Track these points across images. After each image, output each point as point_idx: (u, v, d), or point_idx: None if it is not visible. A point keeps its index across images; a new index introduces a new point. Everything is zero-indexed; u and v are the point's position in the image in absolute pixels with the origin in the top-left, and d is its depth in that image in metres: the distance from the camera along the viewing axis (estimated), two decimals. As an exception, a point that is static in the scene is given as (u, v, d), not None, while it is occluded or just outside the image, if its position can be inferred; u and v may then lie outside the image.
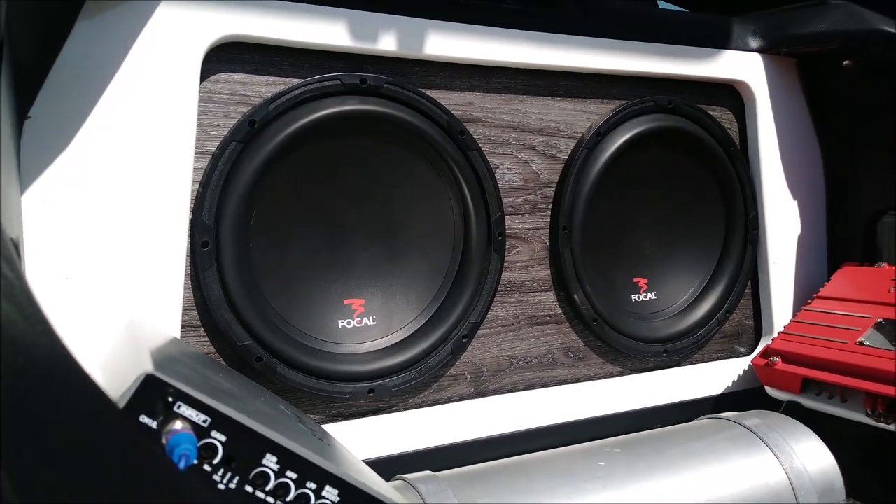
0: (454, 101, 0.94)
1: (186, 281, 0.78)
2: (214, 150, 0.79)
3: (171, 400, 0.40)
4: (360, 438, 0.85)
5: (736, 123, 1.16)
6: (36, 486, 0.26)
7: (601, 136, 1.02)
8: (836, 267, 1.14)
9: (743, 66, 1.13)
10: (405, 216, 0.93)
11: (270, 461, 0.42)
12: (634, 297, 1.10)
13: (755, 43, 1.14)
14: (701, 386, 1.09)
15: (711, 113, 1.12)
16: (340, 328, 0.89)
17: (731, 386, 1.11)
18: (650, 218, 1.11)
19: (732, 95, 1.16)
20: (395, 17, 0.87)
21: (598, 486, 0.79)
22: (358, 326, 0.89)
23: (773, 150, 1.15)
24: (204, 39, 0.76)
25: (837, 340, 0.95)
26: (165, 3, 0.74)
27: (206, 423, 0.41)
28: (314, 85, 0.83)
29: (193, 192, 0.78)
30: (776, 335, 1.07)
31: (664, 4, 1.33)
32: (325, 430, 0.74)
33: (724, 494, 0.83)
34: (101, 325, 0.71)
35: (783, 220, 1.17)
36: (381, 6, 0.86)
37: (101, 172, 0.71)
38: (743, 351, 1.17)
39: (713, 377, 1.11)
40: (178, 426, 0.39)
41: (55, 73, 0.68)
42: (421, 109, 0.89)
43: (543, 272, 1.01)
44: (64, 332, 0.72)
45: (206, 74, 0.79)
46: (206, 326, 0.80)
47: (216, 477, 0.41)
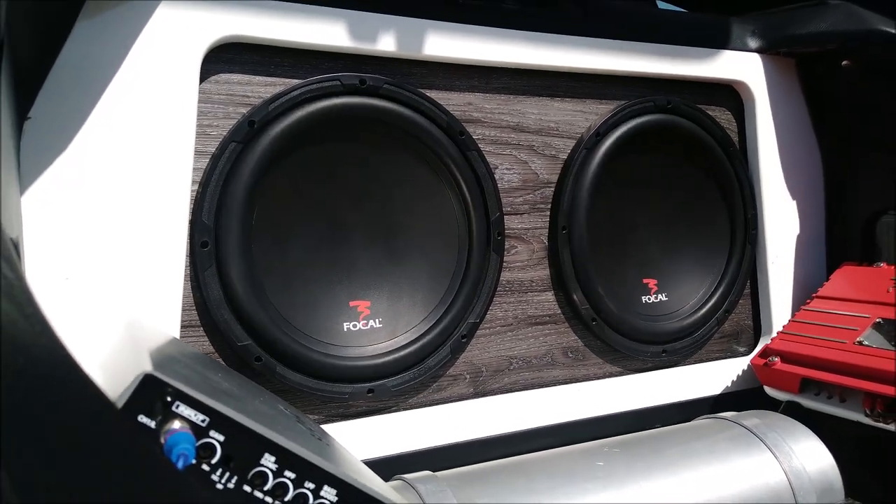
0: (453, 101, 0.94)
1: (186, 281, 0.78)
2: (214, 150, 0.80)
3: (169, 399, 0.40)
4: (359, 438, 0.86)
5: (735, 123, 1.16)
6: (35, 485, 0.26)
7: (600, 136, 1.03)
8: (834, 267, 1.14)
9: (742, 66, 1.13)
10: (405, 216, 0.93)
11: (269, 461, 0.43)
12: (645, 298, 1.10)
13: (754, 43, 1.14)
14: (700, 386, 1.09)
15: (710, 113, 1.12)
16: (346, 331, 0.88)
17: (730, 386, 1.11)
18: (649, 218, 1.12)
19: (731, 95, 1.16)
20: (394, 17, 0.87)
21: (597, 486, 0.80)
22: (364, 329, 0.89)
23: (772, 150, 1.15)
24: (203, 40, 0.77)
25: (836, 340, 0.95)
26: (165, 3, 0.74)
27: (204, 422, 0.41)
28: (314, 85, 0.83)
29: (193, 192, 0.78)
30: (775, 335, 1.07)
31: (663, 4, 1.33)
32: (324, 430, 0.75)
33: (723, 494, 0.83)
34: (100, 324, 0.71)
35: (782, 219, 1.17)
36: (380, 7, 0.86)
37: (100, 173, 0.72)
38: (742, 351, 1.17)
39: (712, 377, 1.11)
40: (176, 426, 0.39)
41: (55, 73, 0.68)
42: (420, 110, 0.89)
43: (542, 272, 1.01)
44: (64, 331, 0.72)
45: (205, 75, 0.79)
46: (205, 326, 0.80)
47: (214, 476, 0.41)
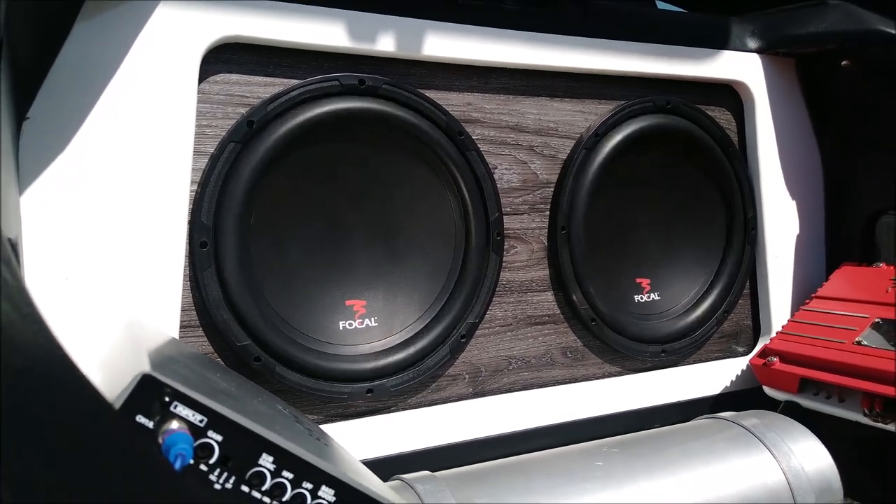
0: (452, 101, 0.94)
1: (185, 281, 0.78)
2: (213, 150, 0.80)
3: (167, 400, 0.40)
4: (358, 438, 0.86)
5: (734, 124, 1.16)
6: (33, 486, 0.26)
7: (599, 136, 1.03)
8: (834, 267, 1.14)
9: (741, 66, 1.13)
10: (404, 216, 0.93)
11: (267, 461, 0.43)
12: (638, 297, 1.10)
13: (754, 43, 1.14)
14: (699, 386, 1.09)
15: (710, 113, 1.12)
16: (342, 329, 0.89)
17: (729, 386, 1.11)
18: (649, 218, 1.12)
19: (731, 96, 1.16)
20: (393, 17, 0.87)
21: (596, 485, 0.80)
22: (360, 328, 0.90)
23: (771, 150, 1.15)
24: (202, 40, 0.77)
25: (835, 340, 0.95)
26: (164, 3, 0.75)
27: (202, 422, 0.41)
28: (312, 86, 0.83)
29: (192, 192, 0.78)
30: (774, 335, 1.07)
31: (662, 5, 1.33)
32: (323, 430, 0.75)
33: (721, 494, 0.83)
34: (100, 325, 0.71)
35: (782, 219, 1.17)
36: (379, 7, 0.86)
37: (99, 173, 0.72)
38: (741, 351, 1.17)
39: (711, 377, 1.11)
40: (174, 426, 0.40)
41: (54, 73, 0.68)
42: (419, 110, 0.89)
43: (542, 272, 1.01)
44: (63, 331, 0.72)
45: (204, 75, 0.79)
46: (204, 327, 0.81)
47: (212, 477, 0.41)
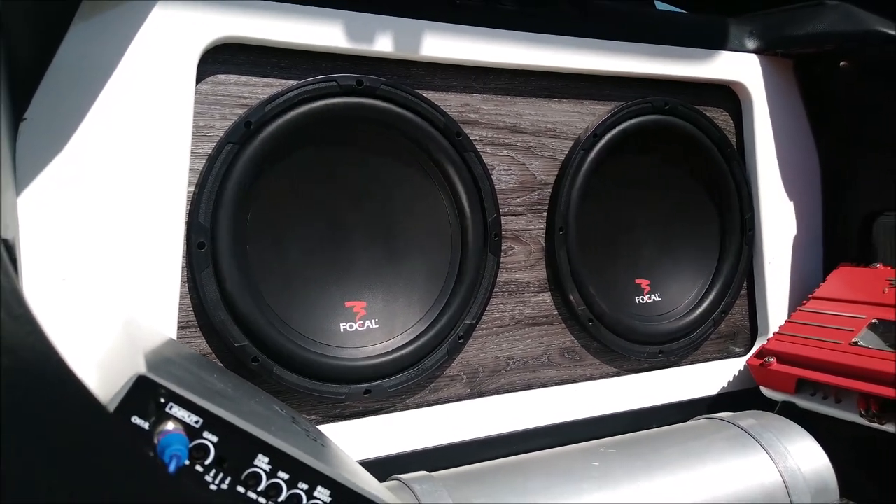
0: (450, 102, 0.94)
1: (183, 282, 0.78)
2: (210, 151, 0.80)
3: (163, 401, 0.40)
4: (356, 439, 0.86)
5: (732, 124, 1.17)
6: (29, 486, 0.26)
7: (597, 137, 1.03)
8: (831, 267, 1.14)
9: (740, 66, 1.13)
10: (403, 217, 0.93)
11: (262, 462, 0.43)
12: (638, 298, 1.10)
13: (752, 44, 1.14)
14: (696, 386, 1.09)
15: (708, 114, 1.12)
16: (342, 331, 0.89)
17: (726, 386, 1.12)
18: (647, 219, 1.12)
19: (729, 96, 1.16)
20: (391, 18, 0.87)
21: (593, 486, 0.80)
22: (360, 330, 0.90)
23: (769, 150, 1.15)
24: (200, 41, 0.77)
25: (832, 341, 0.95)
26: (161, 4, 0.75)
27: (198, 423, 0.41)
28: (310, 86, 0.83)
29: (189, 193, 0.78)
30: (771, 335, 1.07)
31: (661, 5, 1.33)
32: (320, 430, 0.75)
33: (718, 494, 0.83)
34: (97, 325, 0.71)
35: (779, 220, 1.17)
36: (377, 7, 0.86)
37: (97, 174, 0.72)
38: (738, 351, 1.18)
39: (708, 378, 1.11)
40: (169, 427, 0.40)
41: (51, 74, 0.68)
42: (417, 110, 0.89)
43: (539, 273, 1.01)
44: (61, 332, 0.73)
45: (201, 76, 0.79)
46: (202, 327, 0.81)
47: (208, 477, 0.41)
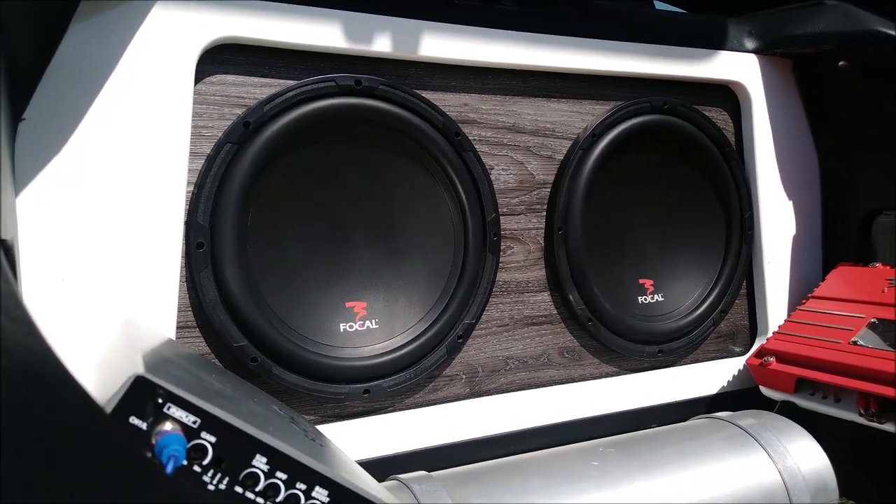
0: (449, 102, 0.94)
1: (182, 282, 0.78)
2: (209, 151, 0.80)
3: (160, 401, 0.40)
4: (355, 439, 0.86)
5: (731, 124, 1.17)
6: (28, 487, 0.26)
7: (596, 136, 1.03)
8: (830, 267, 1.14)
9: (739, 66, 1.13)
10: (402, 217, 0.93)
11: (260, 462, 0.43)
12: (641, 298, 1.10)
13: (751, 44, 1.14)
14: (696, 386, 1.09)
15: (707, 113, 1.12)
16: (343, 332, 0.89)
17: (725, 386, 1.12)
18: (646, 218, 1.12)
19: (728, 96, 1.16)
20: (390, 18, 0.87)
21: (592, 485, 0.80)
22: (361, 330, 0.90)
23: (768, 150, 1.15)
24: (198, 41, 0.77)
25: (831, 340, 0.95)
26: (160, 4, 0.75)
27: (195, 424, 0.41)
28: (309, 86, 0.83)
29: (188, 193, 0.78)
30: (771, 335, 1.07)
31: (660, 5, 1.33)
32: (319, 430, 0.75)
33: (717, 494, 0.83)
34: (96, 325, 0.71)
35: (778, 220, 1.17)
36: (375, 7, 0.86)
37: (95, 174, 0.72)
38: (738, 351, 1.18)
39: (708, 377, 1.11)
40: (167, 427, 0.40)
41: (50, 74, 0.68)
42: (416, 110, 0.89)
43: (538, 273, 1.02)
44: (60, 333, 0.73)
45: (200, 76, 0.79)
46: (201, 327, 0.81)
47: (206, 478, 0.41)
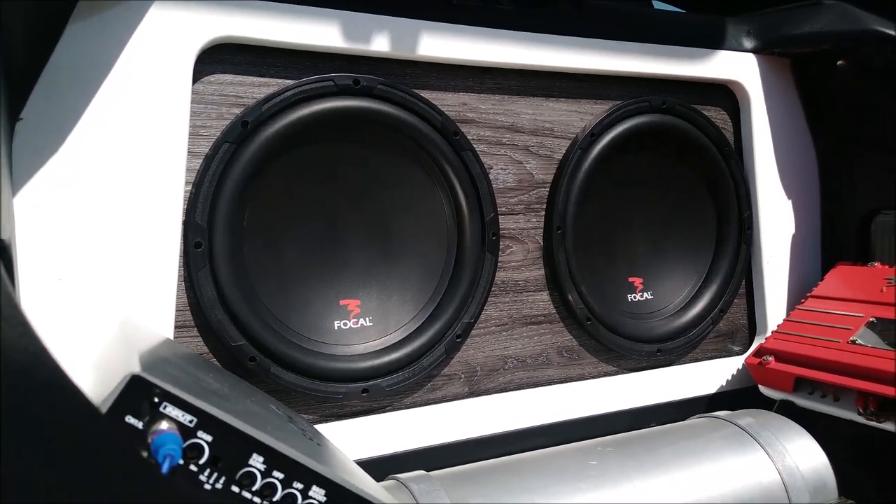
0: (448, 101, 0.94)
1: (180, 281, 0.78)
2: (207, 151, 0.80)
3: (156, 400, 0.40)
4: (353, 438, 0.86)
5: (730, 123, 1.16)
6: (21, 486, 0.26)
7: (595, 136, 1.03)
8: (829, 266, 1.14)
9: (737, 66, 1.13)
10: (400, 216, 0.93)
11: (257, 461, 0.43)
12: (630, 296, 1.10)
13: (749, 43, 1.14)
14: (694, 385, 1.09)
15: (706, 113, 1.12)
16: (337, 329, 0.89)
17: (724, 385, 1.12)
18: (645, 218, 1.12)
19: (727, 95, 1.16)
20: (388, 17, 0.87)
21: (590, 485, 0.80)
22: (354, 327, 0.90)
23: (767, 149, 1.15)
24: (196, 41, 0.77)
25: (830, 339, 0.95)
26: (157, 4, 0.75)
27: (192, 423, 0.41)
28: (307, 86, 0.83)
29: (186, 192, 0.78)
30: (770, 334, 1.07)
31: (659, 4, 1.33)
32: (317, 430, 0.75)
33: (716, 493, 0.83)
34: (94, 325, 0.71)
35: (777, 219, 1.17)
36: (374, 7, 0.86)
37: (93, 173, 0.72)
38: (737, 350, 1.18)
39: (707, 376, 1.11)
40: (163, 426, 0.40)
41: (47, 74, 0.68)
42: (414, 110, 0.89)
43: (537, 272, 1.01)
44: (57, 332, 0.72)
45: (198, 76, 0.79)
46: (199, 327, 0.81)
47: (202, 477, 0.41)
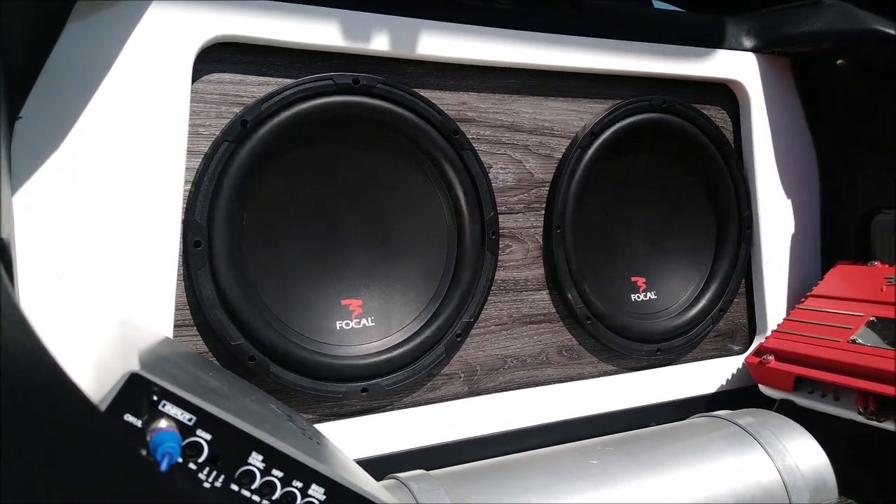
0: (448, 100, 0.94)
1: (179, 280, 0.78)
2: (207, 150, 0.80)
3: (155, 398, 0.40)
4: (353, 438, 0.86)
5: (730, 122, 1.16)
6: (20, 484, 0.26)
7: (595, 135, 1.02)
8: (829, 265, 1.14)
9: (737, 65, 1.13)
10: (399, 216, 0.93)
11: (256, 459, 0.43)
12: (634, 296, 1.10)
13: (749, 42, 1.14)
14: (694, 384, 1.09)
15: (705, 112, 1.12)
16: (339, 329, 0.89)
17: (724, 384, 1.11)
18: (644, 217, 1.12)
19: (726, 95, 1.16)
20: (387, 16, 0.87)
21: (590, 484, 0.80)
22: (356, 327, 0.90)
23: (766, 149, 1.15)
24: (195, 40, 0.77)
25: (830, 339, 0.95)
26: (157, 3, 0.74)
27: (191, 421, 0.41)
28: (306, 85, 0.83)
29: (186, 191, 0.78)
30: (770, 333, 1.07)
31: (659, 4, 1.33)
32: (316, 429, 0.75)
33: (716, 493, 0.83)
34: (93, 324, 0.71)
35: (777, 218, 1.17)
36: (373, 6, 0.86)
37: (93, 172, 0.72)
38: (737, 349, 1.18)
39: (707, 375, 1.11)
40: (162, 424, 0.40)
41: (46, 73, 0.68)
42: (414, 109, 0.89)
43: (537, 271, 1.01)
44: (57, 331, 0.72)
45: (197, 75, 0.79)
46: (198, 326, 0.81)
47: (201, 475, 0.41)
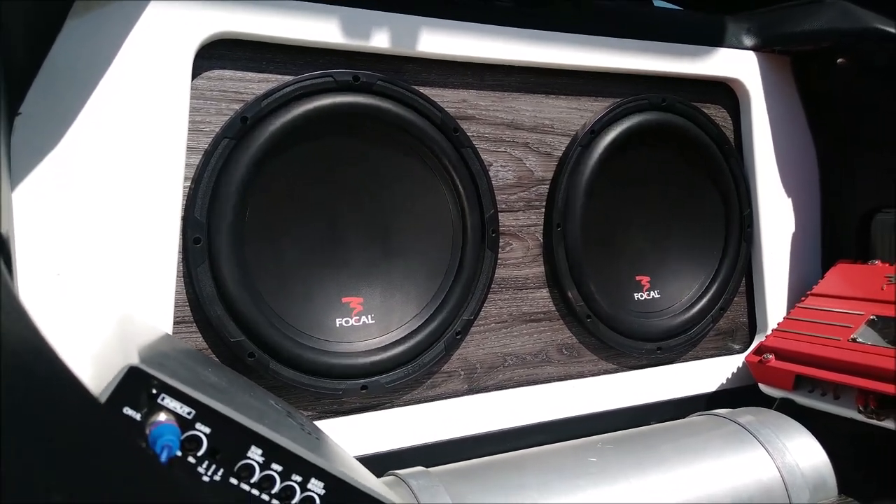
0: (448, 98, 0.94)
1: (179, 277, 0.78)
2: (206, 146, 0.80)
3: (154, 392, 0.40)
4: (353, 435, 0.86)
5: (730, 121, 1.16)
6: (19, 476, 0.26)
7: (595, 133, 1.03)
8: (829, 264, 1.14)
9: (737, 64, 1.13)
10: (400, 213, 0.93)
11: (255, 453, 0.43)
12: (638, 295, 1.10)
13: (749, 41, 1.14)
14: (694, 383, 1.09)
15: (706, 110, 1.12)
16: (339, 326, 0.89)
17: (724, 383, 1.11)
18: (644, 216, 1.12)
19: (727, 93, 1.16)
20: (388, 14, 0.87)
21: (589, 482, 0.79)
22: (357, 325, 0.90)
23: (767, 147, 1.15)
24: (195, 36, 0.77)
25: (830, 337, 0.95)
26: (156, 0, 0.74)
27: (190, 415, 0.41)
28: (306, 82, 0.83)
29: (185, 188, 0.78)
30: (770, 332, 1.07)
31: (659, 2, 1.33)
32: (316, 426, 0.75)
33: (716, 491, 0.83)
34: (93, 320, 0.71)
35: (777, 217, 1.17)
36: (373, 3, 0.86)
37: (92, 169, 0.72)
38: (737, 348, 1.17)
39: (707, 374, 1.11)
40: (161, 418, 0.40)
41: (46, 69, 0.68)
42: (414, 106, 0.89)
43: (537, 269, 1.01)
44: (56, 327, 0.72)
45: (197, 71, 0.79)
46: (198, 322, 0.81)
47: (201, 469, 0.41)
